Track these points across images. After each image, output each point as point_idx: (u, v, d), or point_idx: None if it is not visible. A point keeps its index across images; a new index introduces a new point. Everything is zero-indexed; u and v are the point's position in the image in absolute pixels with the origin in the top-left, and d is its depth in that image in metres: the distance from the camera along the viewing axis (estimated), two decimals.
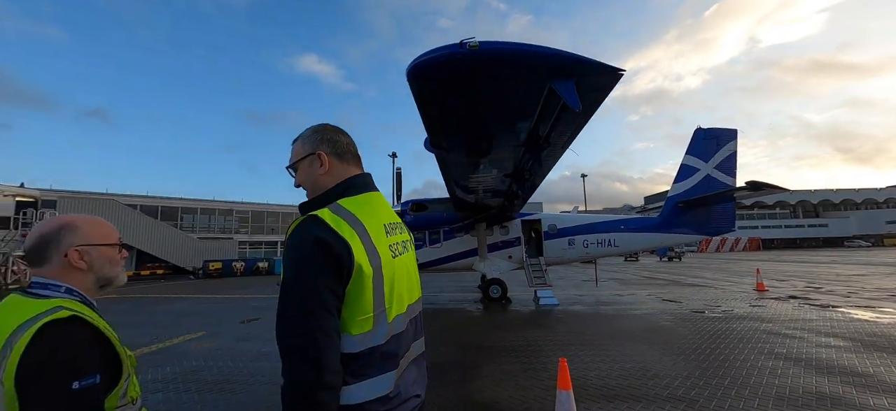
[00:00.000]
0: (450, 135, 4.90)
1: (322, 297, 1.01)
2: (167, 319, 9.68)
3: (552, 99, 3.99)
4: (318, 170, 1.25)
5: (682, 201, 13.21)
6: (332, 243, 1.04)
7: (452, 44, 3.22)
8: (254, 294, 15.47)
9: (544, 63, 3.35)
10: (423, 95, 3.79)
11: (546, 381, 4.57)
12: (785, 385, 4.37)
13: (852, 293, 11.57)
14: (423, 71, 3.40)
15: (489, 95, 3.85)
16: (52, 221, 1.09)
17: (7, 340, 0.88)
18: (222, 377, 5.03)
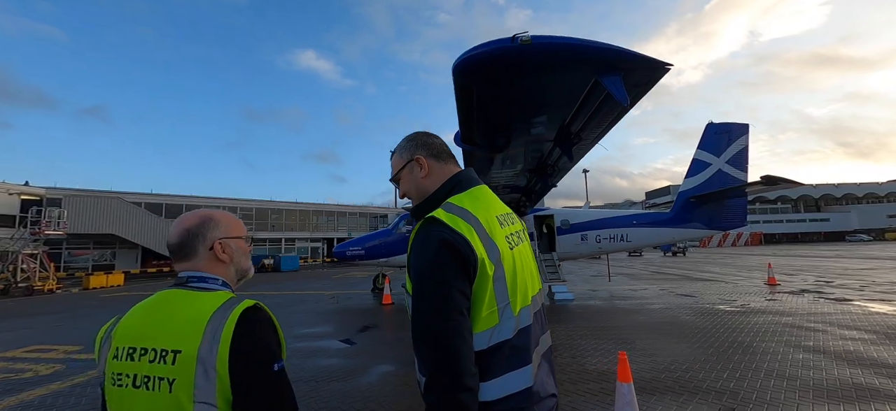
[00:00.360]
0: (486, 130, 4.88)
1: (454, 300, 1.02)
2: None
3: (594, 93, 3.99)
4: (420, 175, 1.27)
5: (694, 196, 13.20)
6: (456, 243, 1.04)
7: (504, 38, 3.21)
8: (261, 291, 15.50)
9: (594, 57, 3.34)
10: (467, 90, 3.77)
11: (582, 374, 4.61)
12: (820, 377, 4.40)
13: (864, 287, 11.62)
14: (472, 65, 3.38)
15: (533, 90, 3.84)
16: (194, 215, 1.09)
17: (206, 330, 0.89)
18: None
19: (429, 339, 1.01)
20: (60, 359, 5.91)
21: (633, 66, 3.45)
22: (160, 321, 0.92)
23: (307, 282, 18.86)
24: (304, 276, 23.63)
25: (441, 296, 1.01)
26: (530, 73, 3.57)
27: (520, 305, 1.13)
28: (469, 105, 4.13)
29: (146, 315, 0.95)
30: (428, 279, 1.03)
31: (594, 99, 4.12)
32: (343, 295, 13.53)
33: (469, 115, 4.40)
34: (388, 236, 13.66)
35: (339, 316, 9.41)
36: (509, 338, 1.09)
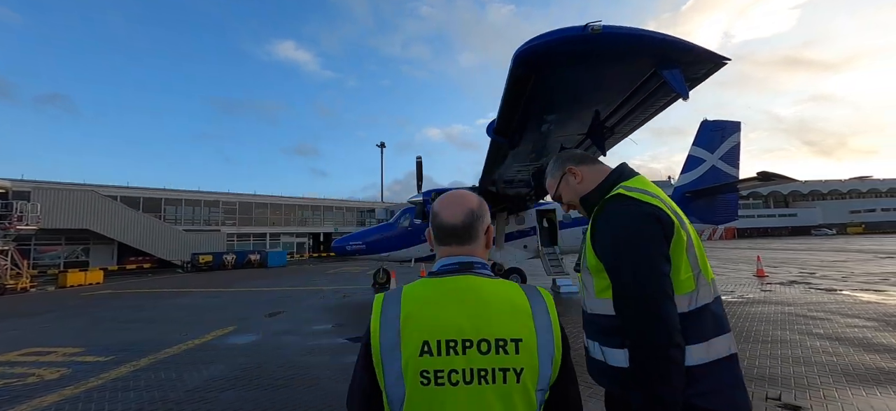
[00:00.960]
0: (528, 121, 4.82)
1: (659, 264, 1.09)
2: (183, 315, 9.27)
3: (644, 86, 3.99)
4: (575, 182, 1.41)
5: (688, 191, 13.62)
6: (654, 210, 1.14)
7: (575, 27, 3.15)
8: (256, 287, 15.03)
9: (659, 48, 3.31)
10: (524, 79, 3.69)
11: None
12: (845, 362, 4.59)
13: (846, 277, 12.29)
14: (540, 53, 3.31)
15: (590, 80, 3.79)
16: (473, 196, 1.00)
17: (535, 317, 0.85)
18: (285, 374, 4.85)
19: (639, 302, 1.07)
20: (63, 363, 5.53)
21: (693, 59, 3.46)
22: (482, 310, 0.83)
23: (301, 278, 18.42)
24: (294, 272, 23.08)
25: (648, 259, 1.09)
26: (593, 63, 3.52)
27: (710, 276, 1.19)
28: (519, 94, 4.05)
29: (458, 305, 0.84)
30: (633, 246, 1.11)
31: (643, 91, 4.12)
32: (344, 290, 13.27)
33: (515, 106, 4.32)
34: (391, 230, 13.47)
35: (350, 312, 9.21)
36: (709, 302, 1.15)
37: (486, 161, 6.96)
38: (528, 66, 3.50)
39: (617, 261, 1.13)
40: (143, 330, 7.59)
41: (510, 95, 4.05)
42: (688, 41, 3.35)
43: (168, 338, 6.81)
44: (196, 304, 10.91)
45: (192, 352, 5.88)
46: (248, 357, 5.56)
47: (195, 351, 5.92)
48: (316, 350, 5.88)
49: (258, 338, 6.68)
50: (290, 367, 5.04)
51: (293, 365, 5.15)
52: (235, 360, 5.42)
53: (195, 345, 6.29)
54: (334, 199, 48.61)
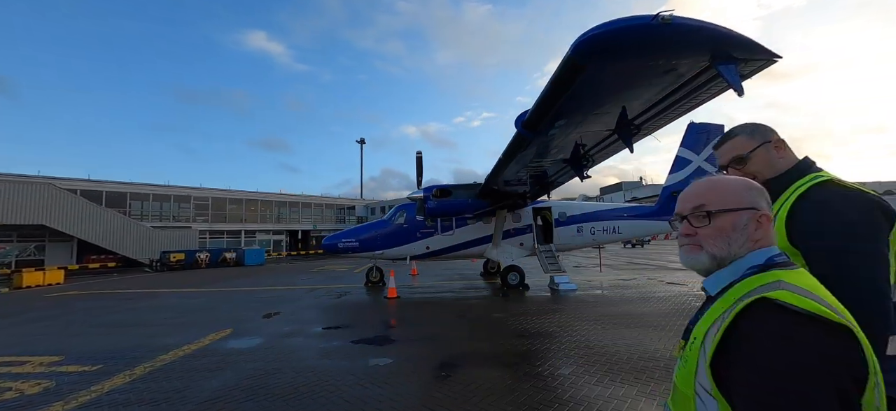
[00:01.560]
0: (563, 115, 4.68)
1: (887, 255, 1.12)
2: (168, 317, 8.59)
3: (691, 81, 3.94)
4: (776, 155, 1.39)
5: (675, 191, 14.01)
6: (882, 203, 1.14)
7: (644, 15, 3.03)
8: (240, 287, 14.25)
9: (720, 41, 3.25)
10: (577, 69, 3.54)
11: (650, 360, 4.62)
12: None
13: None
14: (602, 40, 3.16)
15: (642, 72, 3.69)
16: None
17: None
18: (303, 380, 4.51)
19: (869, 293, 1.07)
20: (43, 374, 4.92)
21: (749, 55, 3.42)
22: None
23: (285, 276, 17.66)
24: (274, 271, 22.14)
25: (879, 250, 1.11)
26: (651, 54, 3.42)
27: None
28: (566, 85, 3.90)
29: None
30: (868, 235, 1.11)
31: (686, 87, 4.07)
32: (336, 289, 12.79)
33: (557, 98, 4.17)
34: (385, 228, 13.10)
35: (351, 311, 8.83)
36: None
37: (503, 156, 6.80)
38: (586, 55, 3.35)
39: (847, 247, 1.11)
40: (127, 335, 6.93)
41: (557, 86, 3.90)
42: (748, 36, 3.30)
43: (159, 343, 6.24)
44: (179, 305, 10.16)
45: (191, 359, 5.39)
46: (257, 362, 5.15)
47: (195, 358, 5.43)
48: (329, 353, 5.54)
49: (262, 342, 6.23)
50: (307, 373, 4.69)
51: (309, 370, 4.80)
52: (243, 366, 5.00)
53: (192, 351, 5.78)
54: (312, 196, 47.19)
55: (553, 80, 3.78)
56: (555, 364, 4.74)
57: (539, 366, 4.66)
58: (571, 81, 3.75)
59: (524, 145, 5.78)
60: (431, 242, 12.86)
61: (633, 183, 77.94)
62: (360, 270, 19.80)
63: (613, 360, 4.78)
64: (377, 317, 7.99)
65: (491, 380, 4.25)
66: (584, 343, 5.59)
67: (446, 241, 12.88)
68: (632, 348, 5.26)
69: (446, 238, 12.88)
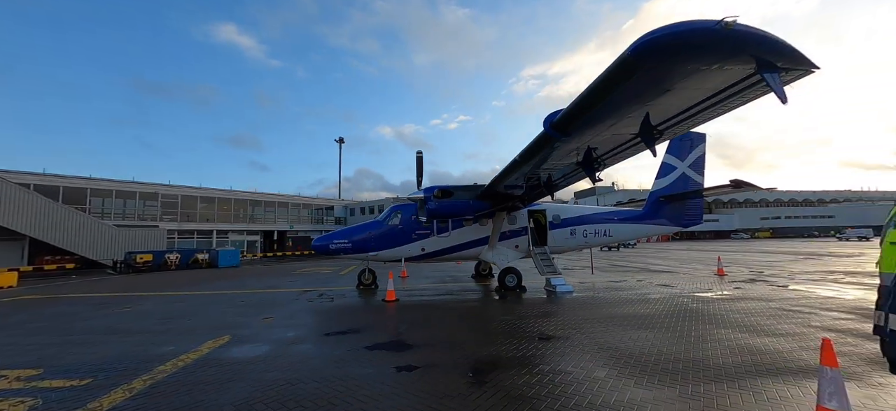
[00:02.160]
0: (597, 117, 4.65)
1: None
2: (149, 324, 7.93)
3: (729, 88, 4.01)
4: None
5: (663, 196, 14.51)
6: None
7: (708, 19, 3.04)
8: (221, 290, 13.47)
9: (771, 49, 3.31)
10: (629, 68, 3.50)
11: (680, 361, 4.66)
12: (869, 349, 5.02)
13: (792, 275, 13.88)
14: (665, 41, 3.14)
15: (693, 76, 3.70)
16: None
17: None
18: (333, 391, 4.22)
19: None
20: (25, 391, 4.36)
21: (792, 63, 3.50)
22: None
23: (268, 279, 16.87)
24: (253, 273, 21.16)
25: None
26: (707, 57, 3.43)
27: None
28: (614, 85, 3.87)
29: None
30: None
31: (723, 94, 4.15)
32: (328, 292, 12.32)
33: (602, 98, 4.13)
34: (379, 228, 12.76)
35: (353, 315, 8.48)
36: None
37: (520, 157, 6.73)
38: (645, 56, 3.32)
39: None
40: (111, 344, 6.32)
41: (604, 85, 3.86)
42: (795, 46, 3.37)
43: (151, 353, 5.72)
44: (160, 310, 9.43)
45: (195, 370, 4.95)
46: (271, 372, 4.79)
47: (199, 369, 4.99)
48: (346, 360, 5.23)
49: (269, 349, 5.84)
50: (334, 382, 4.40)
51: (334, 379, 4.50)
52: (258, 377, 4.64)
53: (193, 360, 5.33)
54: (288, 195, 45.65)
55: (603, 78, 3.74)
56: (587, 367, 4.69)
57: (572, 369, 4.60)
58: (619, 81, 3.72)
59: (549, 146, 5.75)
60: (427, 244, 12.65)
61: (605, 188, 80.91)
62: (347, 273, 19.26)
63: (642, 362, 4.79)
64: (382, 321, 7.72)
65: (530, 386, 4.14)
66: (605, 345, 5.59)
67: (442, 243, 12.71)
68: (653, 349, 5.30)
69: (442, 240, 12.70)
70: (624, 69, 3.52)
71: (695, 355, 5.06)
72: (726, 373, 4.38)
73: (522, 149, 6.45)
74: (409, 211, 12.90)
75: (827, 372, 2.95)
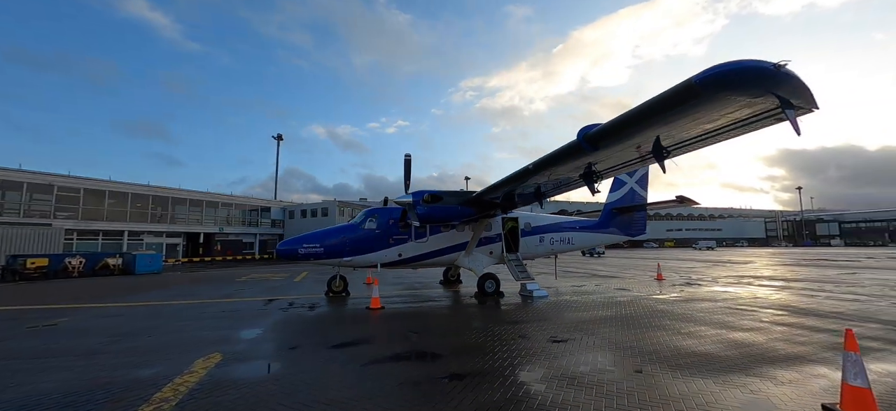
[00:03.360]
0: (632, 135, 5.05)
1: None
2: (109, 343, 6.60)
3: (747, 119, 4.66)
4: None
5: (616, 208, 16.02)
6: None
7: (768, 62, 3.53)
8: (164, 300, 11.69)
9: (798, 90, 3.94)
10: (692, 93, 3.90)
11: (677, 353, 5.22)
12: (819, 339, 6.09)
13: (715, 279, 16.24)
14: (731, 74, 3.57)
15: (733, 107, 4.22)
16: None
17: None
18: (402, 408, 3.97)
19: None
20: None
21: (805, 103, 4.20)
22: None
23: (216, 288, 15.01)
24: (185, 280, 18.66)
25: None
26: (754, 91, 3.94)
27: None
28: (668, 107, 4.26)
29: None
30: None
31: (742, 123, 4.80)
32: (299, 300, 11.38)
33: (647, 117, 4.51)
34: (354, 233, 12.17)
35: (344, 326, 7.93)
36: None
37: (537, 166, 7.01)
38: (709, 84, 3.73)
39: None
40: (66, 370, 5.14)
41: (660, 106, 4.23)
42: (812, 92, 4.05)
43: (130, 376, 4.79)
44: (97, 328, 7.88)
45: (208, 395, 4.24)
46: (293, 394, 4.32)
47: (211, 394, 4.28)
48: (380, 375, 4.85)
49: (282, 367, 5.23)
50: (388, 397, 4.12)
51: (385, 395, 4.21)
52: (306, 399, 4.15)
53: (194, 384, 4.56)
54: (218, 194, 41.24)
55: (663, 100, 4.10)
56: (623, 364, 5.00)
57: (612, 368, 4.87)
58: (678, 100, 4.12)
59: (575, 157, 6.08)
60: (404, 249, 12.39)
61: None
62: (301, 279, 17.97)
63: (663, 356, 5.25)
64: (384, 331, 7.38)
65: (599, 385, 4.30)
66: (616, 343, 6.01)
67: (419, 249, 12.54)
68: (663, 345, 5.84)
69: (419, 245, 12.54)
70: (687, 94, 3.92)
71: (699, 350, 5.69)
72: (736, 365, 5.00)
73: (541, 159, 6.74)
74: (385, 215, 12.53)
75: (851, 357, 3.55)
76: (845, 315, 8.22)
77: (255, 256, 42.69)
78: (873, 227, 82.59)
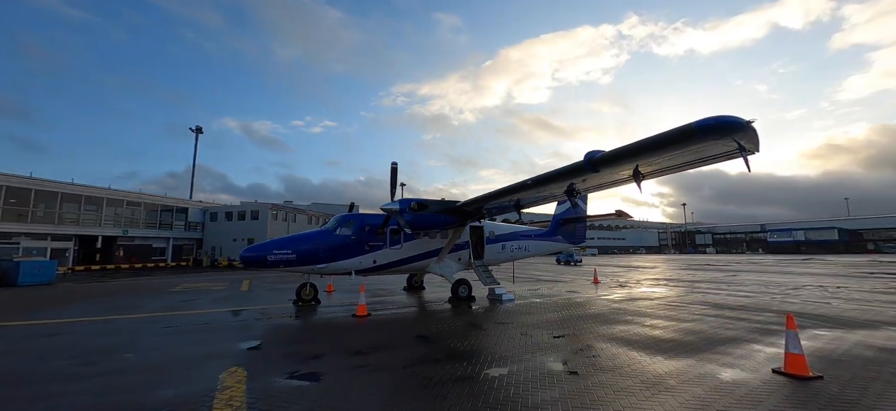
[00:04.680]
0: (628, 161, 6.18)
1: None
2: (85, 361, 5.75)
3: (710, 157, 6.07)
4: None
5: (563, 218, 17.95)
6: None
7: (744, 119, 4.81)
8: (88, 316, 10.09)
9: (751, 139, 5.35)
10: (690, 136, 5.06)
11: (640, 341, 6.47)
12: (746, 323, 7.89)
13: (638, 281, 19.06)
14: (721, 124, 4.80)
15: (706, 147, 5.51)
16: None
17: None
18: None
19: None
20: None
21: (753, 147, 5.69)
22: None
23: (144, 301, 13.19)
24: (93, 292, 15.98)
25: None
26: (726, 137, 5.25)
27: None
28: (671, 142, 5.41)
29: None
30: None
31: (705, 159, 6.21)
32: (266, 309, 10.72)
33: (647, 150, 5.64)
34: (329, 239, 11.90)
35: (348, 335, 7.85)
36: None
37: (537, 181, 7.92)
38: (705, 129, 4.93)
39: None
40: (74, 397, 4.49)
41: (661, 143, 5.37)
42: (759, 141, 5.52)
43: (148, 400, 4.41)
44: (42, 348, 6.71)
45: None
46: (362, 401, 4.49)
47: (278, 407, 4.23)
48: (422, 377, 5.20)
49: (326, 377, 5.22)
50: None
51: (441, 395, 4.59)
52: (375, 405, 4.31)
53: (247, 398, 4.41)
54: (122, 191, 35.53)
55: (667, 138, 5.22)
56: (628, 353, 6.02)
57: (616, 352, 5.84)
58: (678, 141, 5.27)
59: (576, 176, 7.08)
60: (379, 256, 12.46)
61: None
62: (247, 288, 16.64)
63: (652, 344, 6.42)
64: (396, 337, 7.49)
65: (617, 368, 5.17)
66: (608, 336, 7.11)
67: (393, 256, 12.71)
68: (645, 335, 7.08)
69: (393, 252, 12.71)
70: (687, 134, 5.08)
71: (667, 337, 7.03)
72: (700, 347, 6.36)
73: (543, 175, 7.70)
74: (359, 221, 12.47)
75: (791, 334, 4.96)
76: (748, 307, 10.58)
77: (166, 263, 37.53)
78: (736, 237, 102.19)
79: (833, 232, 77.50)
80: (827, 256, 54.95)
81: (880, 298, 12.02)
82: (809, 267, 29.99)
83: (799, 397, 4.25)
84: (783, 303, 11.30)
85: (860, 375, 4.94)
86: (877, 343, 6.57)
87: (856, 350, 6.15)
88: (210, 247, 40.85)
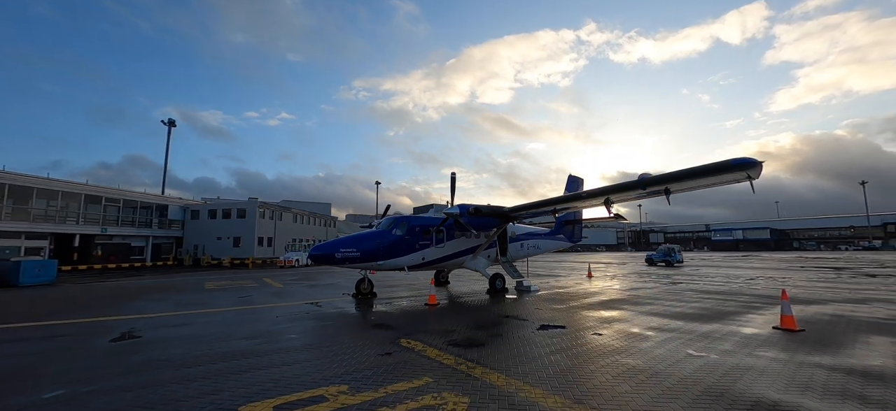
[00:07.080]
0: (668, 184, 8.49)
1: None
2: (198, 358, 7.05)
3: (725, 180, 8.51)
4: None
5: (564, 220, 20.46)
6: None
7: (756, 160, 7.20)
8: (154, 312, 10.97)
9: (756, 170, 7.79)
10: (729, 168, 7.38)
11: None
12: (733, 303, 10.53)
13: (625, 275, 22.04)
14: (748, 161, 7.15)
15: (727, 175, 7.88)
16: None
17: None
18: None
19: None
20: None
21: (756, 174, 8.18)
22: None
23: (190, 297, 13.91)
24: (116, 292, 16.22)
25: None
26: (743, 170, 7.63)
27: None
28: (710, 172, 7.73)
29: None
30: None
31: (720, 181, 8.66)
32: (326, 304, 12.08)
33: (691, 176, 7.94)
34: (387, 238, 13.39)
35: (459, 319, 9.51)
36: None
37: (599, 192, 10.10)
38: (738, 163, 7.26)
39: None
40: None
41: (703, 171, 7.67)
42: (761, 170, 8.02)
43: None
44: (170, 338, 7.83)
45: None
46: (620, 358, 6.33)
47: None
48: (641, 346, 7.12)
49: (489, 346, 6.96)
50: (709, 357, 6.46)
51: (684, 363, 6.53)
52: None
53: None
54: (101, 187, 33.83)
55: (708, 168, 7.52)
56: (665, 321, 8.28)
57: (662, 322, 8.06)
58: (716, 171, 7.59)
59: (630, 192, 9.30)
60: (427, 254, 14.11)
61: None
62: (281, 286, 17.50)
63: (681, 316, 8.74)
64: (491, 315, 9.29)
65: (668, 329, 7.34)
66: (646, 311, 9.38)
67: (438, 253, 14.42)
68: (671, 311, 9.42)
69: (438, 250, 14.42)
70: (724, 166, 7.39)
71: (688, 312, 9.44)
72: (716, 316, 8.77)
73: (599, 188, 9.87)
74: (410, 223, 14.04)
75: (785, 303, 7.44)
76: (729, 293, 13.47)
77: (145, 263, 36.14)
78: (684, 236, 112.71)
79: (765, 232, 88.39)
80: (761, 253, 63.07)
81: (818, 285, 15.55)
82: (751, 262, 35.11)
83: (796, 339, 6.69)
84: (751, 289, 14.39)
85: (827, 330, 7.52)
86: (828, 312, 9.40)
87: (817, 316, 8.88)
88: (192, 246, 39.68)
